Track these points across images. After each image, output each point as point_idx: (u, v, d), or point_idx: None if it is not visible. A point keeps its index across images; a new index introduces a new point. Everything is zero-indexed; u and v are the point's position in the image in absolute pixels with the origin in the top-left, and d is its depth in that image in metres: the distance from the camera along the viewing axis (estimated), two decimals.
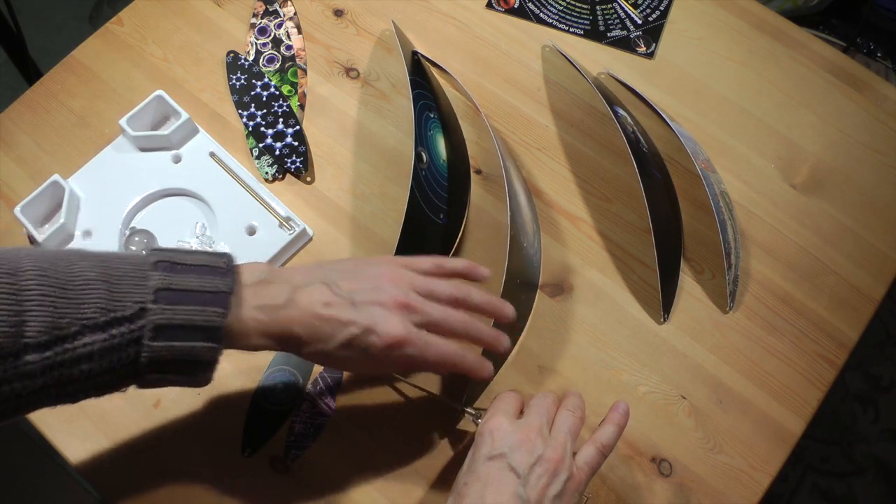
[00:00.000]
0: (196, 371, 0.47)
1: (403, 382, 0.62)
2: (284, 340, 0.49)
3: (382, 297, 0.50)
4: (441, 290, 0.53)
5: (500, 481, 0.48)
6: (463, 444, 0.61)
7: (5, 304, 0.42)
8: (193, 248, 0.50)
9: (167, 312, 0.45)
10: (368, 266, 0.53)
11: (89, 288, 0.44)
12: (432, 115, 0.68)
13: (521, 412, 0.54)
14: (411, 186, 0.61)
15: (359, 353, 0.49)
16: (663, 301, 0.65)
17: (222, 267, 0.48)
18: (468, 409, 0.57)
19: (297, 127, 0.73)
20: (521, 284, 0.65)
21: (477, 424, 0.56)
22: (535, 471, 0.48)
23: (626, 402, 0.55)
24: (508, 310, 0.55)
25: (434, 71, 0.77)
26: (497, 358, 0.59)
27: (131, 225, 0.68)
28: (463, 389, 0.60)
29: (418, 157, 0.63)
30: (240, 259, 0.66)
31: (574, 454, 0.51)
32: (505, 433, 0.50)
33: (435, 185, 0.65)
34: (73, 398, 0.46)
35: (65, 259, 0.45)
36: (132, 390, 0.61)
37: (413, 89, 0.65)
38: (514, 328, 0.61)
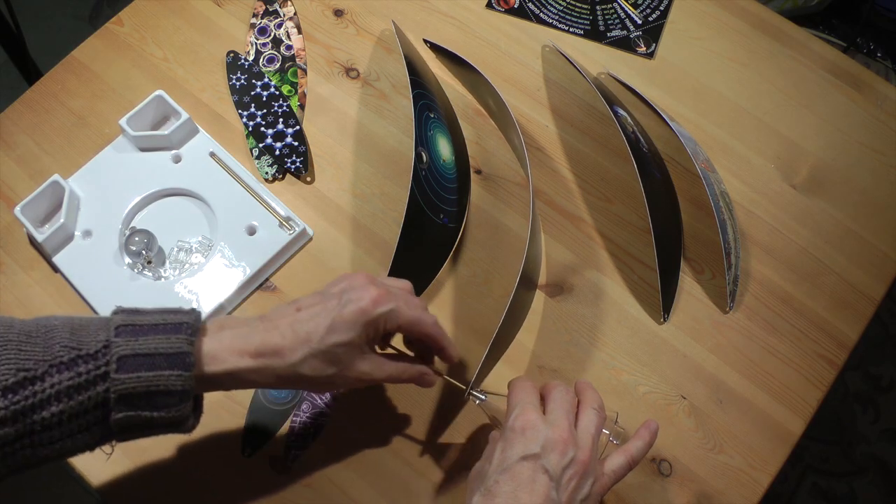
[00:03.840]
0: (170, 405, 0.46)
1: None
2: (264, 354, 0.48)
3: (353, 281, 0.51)
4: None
5: (533, 482, 0.48)
6: (463, 444, 0.61)
7: None
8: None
9: (131, 343, 0.45)
10: (331, 286, 0.53)
11: (54, 333, 0.45)
12: (432, 115, 0.68)
13: (539, 398, 0.54)
14: (411, 186, 0.61)
15: (346, 331, 0.49)
16: (663, 301, 0.65)
17: (185, 309, 0.49)
18: (474, 392, 0.57)
19: (297, 127, 0.73)
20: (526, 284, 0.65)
21: (476, 403, 0.56)
22: (567, 473, 0.49)
23: (656, 423, 0.55)
24: (456, 353, 0.56)
25: (434, 71, 0.77)
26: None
27: (131, 225, 0.68)
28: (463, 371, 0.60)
29: (418, 157, 0.63)
30: (240, 259, 0.66)
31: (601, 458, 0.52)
32: (537, 431, 0.50)
33: (435, 185, 0.65)
34: (45, 455, 0.44)
35: (32, 320, 0.46)
36: None
37: (413, 89, 0.65)
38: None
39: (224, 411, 0.62)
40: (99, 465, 0.60)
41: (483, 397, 0.56)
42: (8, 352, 0.43)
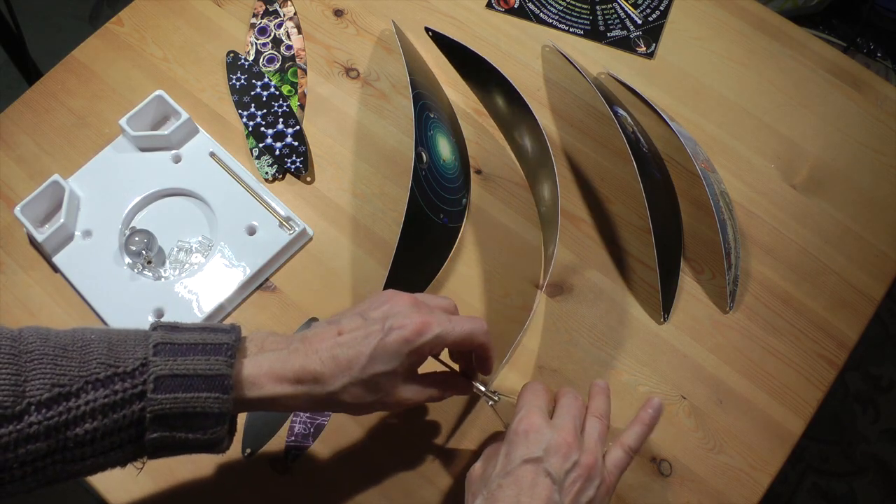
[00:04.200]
0: (206, 427, 0.45)
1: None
2: (303, 381, 0.47)
3: (393, 303, 0.50)
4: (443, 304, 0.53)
5: (535, 486, 0.47)
6: (463, 445, 0.61)
7: (7, 365, 0.41)
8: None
9: (169, 363, 0.44)
10: (372, 301, 0.52)
11: (90, 348, 0.44)
12: (432, 115, 0.68)
13: (550, 403, 0.54)
14: (411, 186, 0.61)
15: (390, 362, 0.48)
16: (663, 301, 0.65)
17: (225, 327, 0.48)
18: (486, 391, 0.56)
19: (297, 127, 0.73)
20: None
21: (489, 403, 0.56)
22: (570, 476, 0.48)
23: (660, 401, 0.54)
24: (489, 346, 0.54)
25: (434, 70, 0.77)
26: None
27: (131, 225, 0.68)
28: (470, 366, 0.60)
29: (418, 157, 0.63)
30: (240, 259, 0.66)
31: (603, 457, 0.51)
32: (541, 435, 0.49)
33: (435, 185, 0.65)
34: (77, 470, 0.44)
35: (65, 329, 0.45)
36: None
37: (413, 89, 0.65)
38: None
39: None
40: None
41: (496, 398, 0.56)
42: (43, 366, 0.42)
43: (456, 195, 0.68)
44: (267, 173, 0.71)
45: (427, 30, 0.77)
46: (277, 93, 0.75)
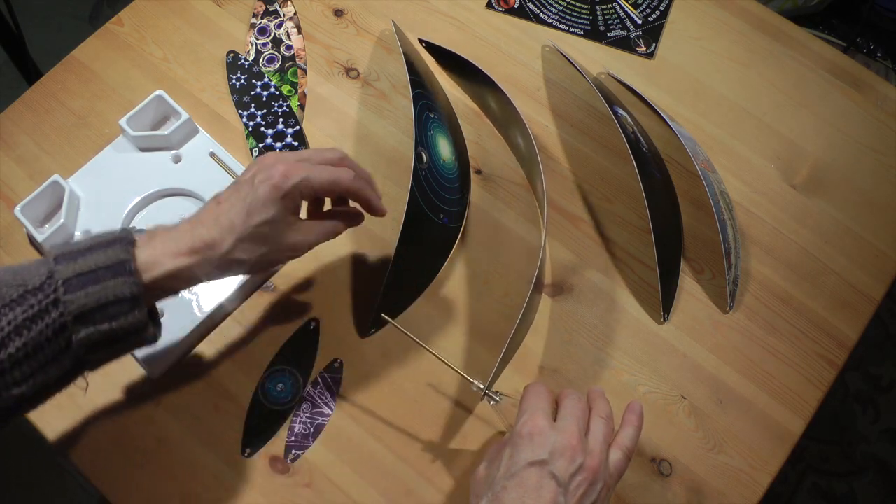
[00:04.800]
0: (124, 313, 0.47)
1: (424, 353, 0.62)
2: (196, 251, 0.50)
3: (261, 166, 0.53)
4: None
5: (541, 488, 0.47)
6: (464, 445, 0.61)
7: None
8: None
9: (71, 266, 0.46)
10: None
11: None
12: (432, 115, 0.68)
13: (553, 405, 0.54)
14: (411, 186, 0.61)
15: (264, 210, 0.51)
16: (663, 301, 0.65)
17: (115, 230, 0.50)
18: (488, 391, 0.56)
19: (297, 127, 0.73)
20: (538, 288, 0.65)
21: (490, 404, 0.56)
22: (575, 479, 0.48)
23: (639, 403, 0.55)
24: (381, 206, 0.59)
25: (436, 70, 0.77)
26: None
27: (131, 225, 0.68)
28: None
29: (418, 157, 0.63)
30: None
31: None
32: (545, 437, 0.49)
33: (435, 185, 0.65)
34: (23, 390, 0.46)
35: None
36: (130, 391, 0.61)
37: (413, 89, 0.65)
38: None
39: (224, 411, 0.62)
40: (100, 466, 0.60)
41: (498, 399, 0.56)
42: None
43: (456, 195, 0.68)
44: None
45: (420, 41, 0.77)
46: (277, 93, 0.75)
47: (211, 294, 0.65)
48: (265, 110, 0.74)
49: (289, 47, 0.77)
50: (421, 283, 0.66)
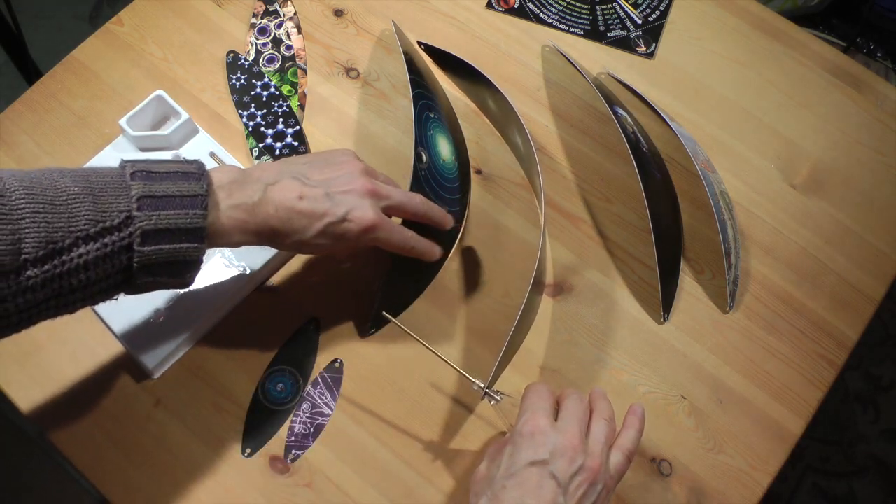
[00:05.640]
0: (186, 272, 0.51)
1: (425, 353, 0.62)
2: (262, 235, 0.53)
3: (353, 185, 0.55)
4: (402, 191, 0.59)
5: (541, 488, 0.47)
6: (465, 445, 0.61)
7: (1, 224, 0.44)
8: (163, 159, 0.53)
9: (153, 218, 0.48)
10: (334, 156, 0.58)
11: (76, 202, 0.46)
12: (432, 115, 0.68)
13: (554, 405, 0.54)
14: (411, 186, 0.61)
15: (334, 240, 0.55)
16: (663, 301, 0.65)
17: (195, 172, 0.51)
18: (489, 391, 0.56)
19: (297, 127, 0.73)
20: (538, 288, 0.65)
21: (491, 403, 0.56)
22: (575, 480, 0.48)
23: (641, 405, 0.55)
24: (450, 218, 0.62)
25: (435, 70, 0.77)
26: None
27: None
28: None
29: (418, 156, 0.63)
30: (240, 259, 0.66)
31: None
32: (546, 437, 0.49)
33: (435, 184, 0.65)
34: (73, 308, 0.48)
35: (47, 177, 0.47)
36: (129, 391, 0.61)
37: (413, 89, 0.65)
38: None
39: (224, 411, 0.62)
40: (100, 466, 0.60)
41: (498, 398, 0.56)
42: (36, 224, 0.45)
43: (456, 195, 0.68)
44: None
45: (419, 44, 0.77)
46: (277, 93, 0.75)
47: (211, 294, 0.65)
48: (265, 110, 0.74)
49: (289, 47, 0.77)
50: (421, 283, 0.66)
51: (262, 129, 0.73)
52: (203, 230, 0.49)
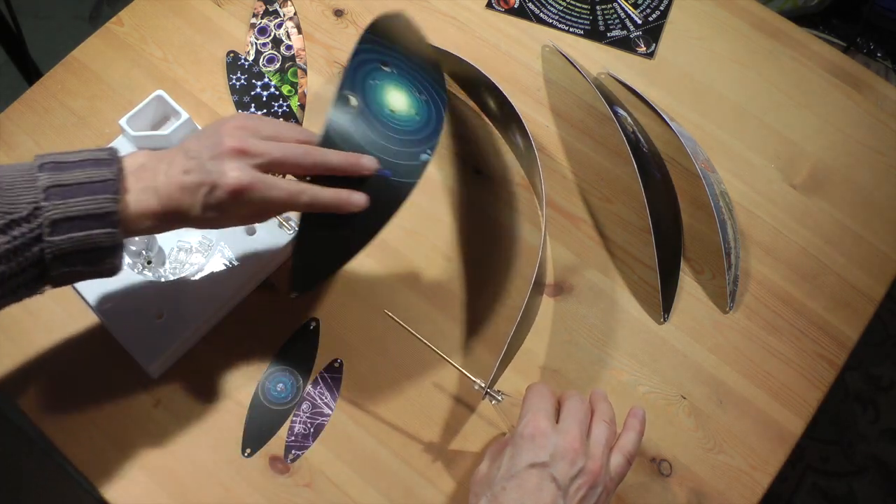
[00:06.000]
0: (101, 259, 0.49)
1: (425, 353, 0.62)
2: (169, 218, 0.51)
3: (221, 147, 0.51)
4: (287, 134, 0.54)
5: (540, 491, 0.47)
6: (465, 446, 0.61)
7: None
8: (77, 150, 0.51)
9: (60, 207, 0.47)
10: (218, 121, 0.54)
11: None
12: (388, 69, 0.62)
13: (555, 406, 0.53)
14: (327, 128, 0.56)
15: (219, 211, 0.51)
16: (663, 301, 0.65)
17: (106, 158, 0.50)
18: (490, 390, 0.56)
19: None
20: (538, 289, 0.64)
21: (492, 403, 0.56)
22: (576, 482, 0.48)
23: (642, 408, 0.55)
24: (367, 161, 0.54)
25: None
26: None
27: None
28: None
29: (343, 99, 0.57)
30: (240, 259, 0.66)
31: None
32: (547, 439, 0.49)
33: (373, 134, 0.58)
34: None
35: None
36: (129, 391, 0.61)
37: (362, 44, 0.60)
38: None
39: (224, 411, 0.62)
40: (100, 466, 0.60)
41: (499, 398, 0.56)
42: None
43: (408, 148, 0.60)
44: None
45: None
46: (277, 93, 0.75)
47: (211, 293, 0.65)
48: (265, 110, 0.74)
49: (289, 47, 0.77)
50: (354, 241, 0.58)
51: None
52: (114, 214, 0.48)
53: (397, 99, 0.61)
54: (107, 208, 0.48)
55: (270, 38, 0.78)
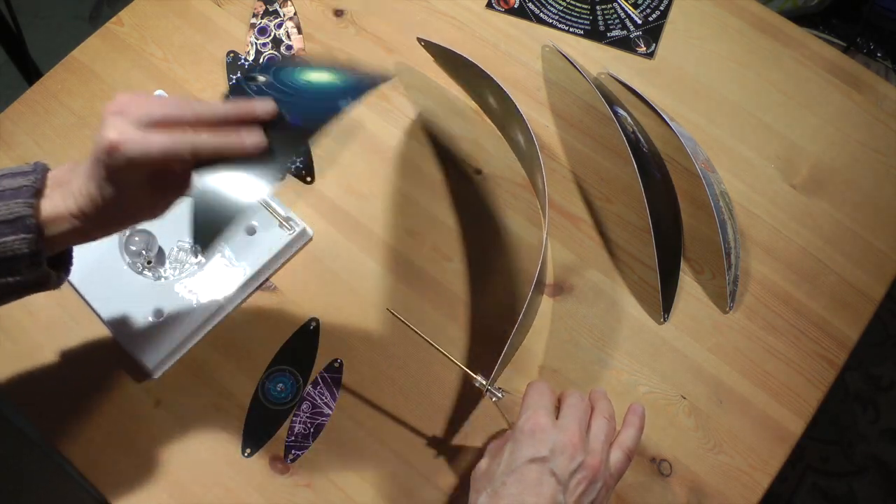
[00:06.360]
0: (23, 268, 0.47)
1: (424, 353, 0.62)
2: (87, 216, 0.47)
3: (104, 118, 0.46)
4: (173, 99, 0.48)
5: (540, 485, 0.48)
6: (465, 444, 0.61)
7: None
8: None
9: None
10: None
11: None
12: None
13: (555, 403, 0.54)
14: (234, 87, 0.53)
15: (113, 185, 0.46)
16: (663, 301, 0.65)
17: (28, 170, 0.48)
18: (492, 388, 0.56)
19: None
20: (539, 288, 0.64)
21: (493, 400, 0.56)
22: (575, 477, 0.48)
23: (641, 405, 0.55)
24: (261, 104, 0.49)
25: (436, 69, 0.77)
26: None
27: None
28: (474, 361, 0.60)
29: (250, 79, 0.54)
30: (240, 259, 0.66)
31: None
32: (547, 435, 0.50)
33: (283, 97, 0.53)
34: None
35: None
36: (129, 391, 0.61)
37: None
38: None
39: (224, 411, 0.62)
40: (100, 466, 0.60)
41: (500, 395, 0.56)
42: None
43: (324, 101, 0.55)
44: None
45: (419, 40, 0.77)
46: None
47: (211, 294, 0.65)
48: None
49: (289, 47, 0.77)
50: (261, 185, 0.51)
51: None
52: (28, 218, 0.46)
53: (320, 76, 0.56)
54: (19, 213, 0.46)
55: (270, 38, 0.78)
